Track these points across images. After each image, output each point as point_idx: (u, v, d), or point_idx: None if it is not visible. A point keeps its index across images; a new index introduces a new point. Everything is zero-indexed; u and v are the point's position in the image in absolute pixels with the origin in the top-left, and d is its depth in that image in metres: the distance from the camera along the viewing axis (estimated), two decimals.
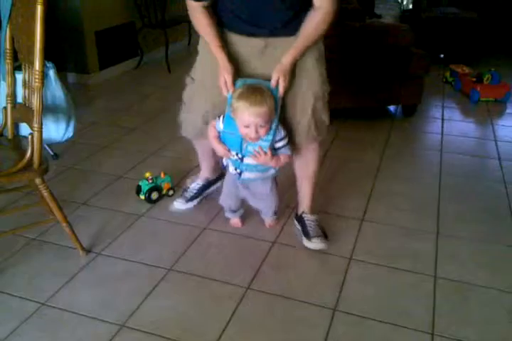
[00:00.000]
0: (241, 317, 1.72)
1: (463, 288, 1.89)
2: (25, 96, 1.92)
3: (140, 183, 2.42)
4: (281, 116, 1.84)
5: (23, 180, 1.91)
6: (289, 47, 1.76)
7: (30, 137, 1.77)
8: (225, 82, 1.78)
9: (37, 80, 1.71)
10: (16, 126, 2.06)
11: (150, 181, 2.41)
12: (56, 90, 2.40)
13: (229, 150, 1.87)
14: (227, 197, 2.14)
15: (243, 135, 1.78)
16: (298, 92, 1.87)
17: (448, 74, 4.40)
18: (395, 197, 2.52)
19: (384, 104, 3.68)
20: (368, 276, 1.94)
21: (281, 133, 1.84)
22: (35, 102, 1.74)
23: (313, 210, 2.18)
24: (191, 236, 2.16)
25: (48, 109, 2.36)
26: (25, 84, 1.91)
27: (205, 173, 2.38)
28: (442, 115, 3.71)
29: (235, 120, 1.78)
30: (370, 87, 3.36)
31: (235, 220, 2.24)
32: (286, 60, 1.76)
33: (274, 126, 1.79)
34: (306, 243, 2.06)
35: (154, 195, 2.42)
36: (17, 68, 1.96)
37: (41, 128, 1.77)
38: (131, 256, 2.03)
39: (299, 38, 1.75)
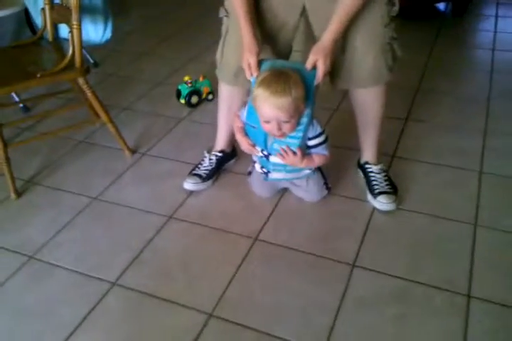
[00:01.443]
0: (279, 214, 1.76)
1: (508, 182, 1.86)
2: None
3: (179, 87, 2.41)
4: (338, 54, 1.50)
5: (67, 79, 1.94)
6: None
7: (70, 35, 1.77)
8: (249, 64, 1.46)
9: None
10: (55, 30, 2.05)
11: (189, 85, 2.40)
12: None
13: (254, 146, 1.59)
14: (258, 188, 1.84)
15: (266, 130, 1.48)
16: (360, 18, 1.45)
17: None
18: (442, 95, 2.44)
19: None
20: (410, 172, 1.93)
21: (317, 129, 1.51)
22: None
23: (378, 159, 1.87)
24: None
25: (85, 10, 2.32)
26: None
27: (220, 144, 1.94)
28: (496, 12, 3.44)
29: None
30: None
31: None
32: (327, 38, 1.40)
33: (305, 121, 1.46)
34: (371, 200, 1.78)
35: (194, 99, 2.41)
36: None
37: (80, 25, 1.76)
38: (175, 156, 2.07)
39: (340, 6, 1.37)
